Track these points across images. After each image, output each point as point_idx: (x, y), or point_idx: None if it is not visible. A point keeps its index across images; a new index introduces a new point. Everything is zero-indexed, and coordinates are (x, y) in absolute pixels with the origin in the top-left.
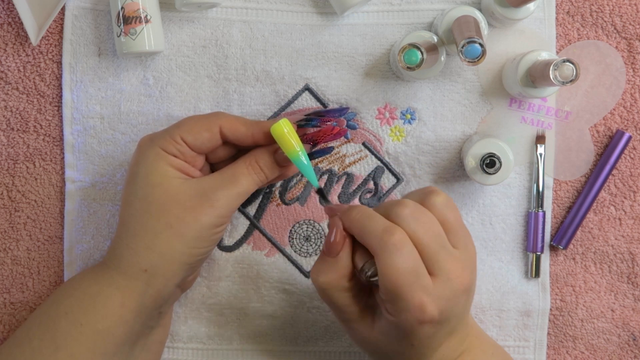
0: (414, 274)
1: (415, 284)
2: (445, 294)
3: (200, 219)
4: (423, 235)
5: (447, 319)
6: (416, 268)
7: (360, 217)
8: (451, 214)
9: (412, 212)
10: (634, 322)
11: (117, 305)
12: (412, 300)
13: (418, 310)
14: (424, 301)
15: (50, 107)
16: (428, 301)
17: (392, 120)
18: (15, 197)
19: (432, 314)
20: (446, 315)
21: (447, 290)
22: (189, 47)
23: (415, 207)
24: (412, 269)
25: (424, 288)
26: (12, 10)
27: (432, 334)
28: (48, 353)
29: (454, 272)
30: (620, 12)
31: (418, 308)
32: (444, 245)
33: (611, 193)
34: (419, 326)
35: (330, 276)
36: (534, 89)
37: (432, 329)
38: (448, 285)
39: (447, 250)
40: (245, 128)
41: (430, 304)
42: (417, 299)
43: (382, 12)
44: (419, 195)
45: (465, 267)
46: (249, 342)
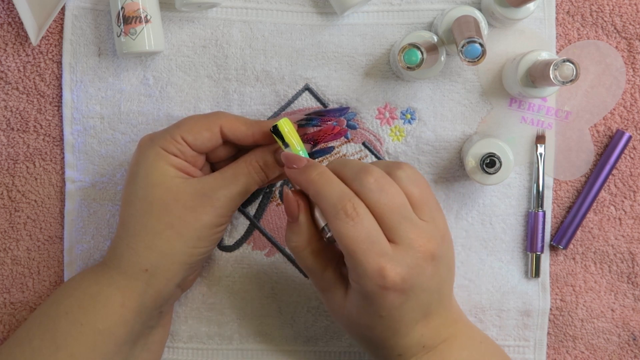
0: (368, 241)
1: (371, 250)
2: (406, 260)
3: (201, 218)
4: (384, 206)
5: (411, 287)
6: (371, 235)
7: (318, 179)
8: (416, 188)
9: (377, 180)
10: (634, 322)
11: (117, 305)
12: (370, 265)
13: (377, 274)
14: (382, 266)
15: (50, 107)
16: (388, 267)
17: (392, 120)
18: (15, 197)
19: (394, 279)
20: (410, 283)
21: (408, 257)
22: (189, 47)
23: (381, 175)
24: (366, 237)
25: (381, 253)
26: (12, 10)
27: (399, 304)
28: (48, 353)
29: (417, 240)
30: (620, 12)
31: (377, 272)
32: (407, 215)
33: (611, 193)
34: (382, 292)
35: (296, 239)
36: (534, 89)
37: (397, 298)
38: (410, 252)
39: (411, 220)
40: (245, 127)
41: (390, 270)
42: (375, 264)
43: (382, 12)
44: (387, 165)
45: (431, 237)
46: (249, 342)
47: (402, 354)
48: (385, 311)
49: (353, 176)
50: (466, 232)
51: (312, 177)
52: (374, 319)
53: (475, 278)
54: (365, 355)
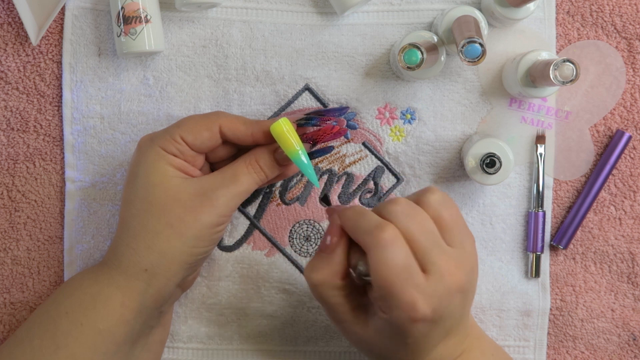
0: (405, 270)
1: (407, 280)
2: (438, 291)
3: (201, 218)
4: (415, 232)
5: (440, 317)
6: (408, 265)
7: (353, 215)
8: (446, 212)
9: (404, 209)
10: (634, 322)
11: (117, 305)
12: (404, 297)
13: (410, 307)
14: (415, 298)
15: (50, 107)
16: (420, 298)
17: (392, 120)
18: (15, 197)
19: (425, 312)
20: (439, 313)
21: (440, 288)
22: (189, 47)
23: (408, 204)
24: (404, 265)
25: (415, 285)
26: (12, 10)
27: (426, 333)
28: (49, 352)
29: (447, 269)
30: (620, 12)
31: (410, 305)
32: (437, 242)
33: (611, 193)
34: (411, 324)
35: (323, 273)
36: (534, 89)
37: (425, 328)
38: (441, 283)
39: (440, 248)
40: (245, 127)
41: (422, 302)
42: (409, 296)
43: (382, 12)
44: (415, 194)
45: (460, 265)
46: (249, 342)
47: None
48: (411, 339)
49: (382, 209)
50: None
51: (348, 214)
52: (399, 345)
53: None
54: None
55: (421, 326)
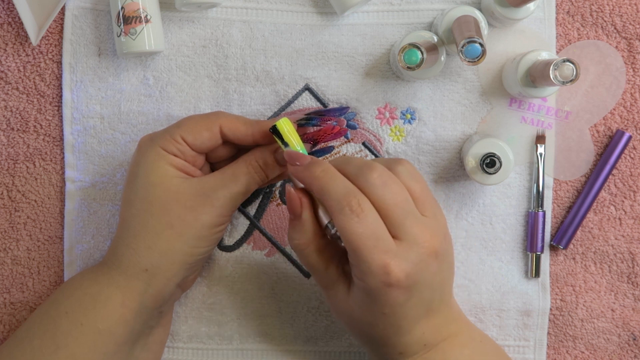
0: (373, 237)
1: (376, 247)
2: (411, 257)
3: (201, 218)
4: (389, 201)
5: (415, 284)
6: (376, 232)
7: (322, 176)
8: (417, 184)
9: (380, 176)
10: (634, 322)
11: (117, 305)
12: (374, 262)
13: (382, 272)
14: (387, 262)
15: (50, 107)
16: (392, 263)
17: (392, 120)
18: (15, 197)
19: (398, 276)
20: (414, 279)
21: (413, 254)
22: (189, 47)
23: (384, 171)
24: (371, 233)
25: (386, 250)
26: (12, 10)
27: (403, 301)
28: (48, 352)
29: (421, 236)
30: (620, 12)
31: (382, 269)
32: (411, 211)
33: (611, 193)
34: (386, 289)
35: (299, 237)
36: (534, 89)
37: (401, 295)
38: (414, 248)
39: (415, 216)
40: (245, 127)
41: (395, 266)
42: (379, 261)
43: (382, 12)
44: (387, 162)
45: (434, 233)
46: (249, 342)
47: (403, 352)
48: (388, 308)
49: (356, 172)
50: (466, 232)
51: (316, 174)
52: (376, 316)
53: (475, 278)
54: (365, 355)
55: (396, 292)
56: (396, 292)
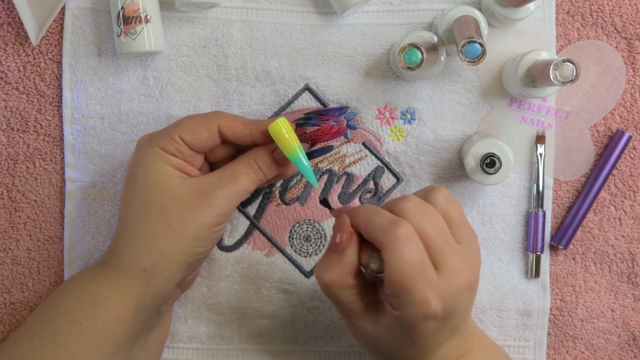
0: (420, 267)
1: (422, 277)
2: (449, 289)
3: (200, 218)
4: (427, 229)
5: (450, 315)
6: (422, 261)
7: (366, 212)
8: (453, 209)
9: (416, 205)
10: (634, 322)
11: (116, 305)
12: (418, 293)
13: (423, 304)
14: (429, 295)
15: (50, 107)
16: (433, 295)
17: (392, 120)
18: (15, 197)
19: (436, 309)
20: (450, 311)
21: (451, 286)
22: (189, 47)
23: (419, 201)
24: (419, 262)
25: (429, 282)
26: (12, 10)
27: (436, 330)
28: (48, 352)
29: (459, 267)
30: (620, 12)
31: (423, 302)
32: (448, 239)
33: (611, 193)
34: (423, 321)
35: (335, 273)
36: (534, 89)
37: (435, 325)
38: (453, 280)
39: (451, 245)
40: (243, 127)
41: (434, 299)
42: (423, 293)
43: (382, 12)
44: (421, 191)
45: (468, 262)
46: (249, 342)
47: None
48: (420, 337)
49: (393, 206)
50: None
51: (360, 212)
52: (407, 344)
53: None
54: (365, 355)
55: (432, 323)
56: (432, 323)
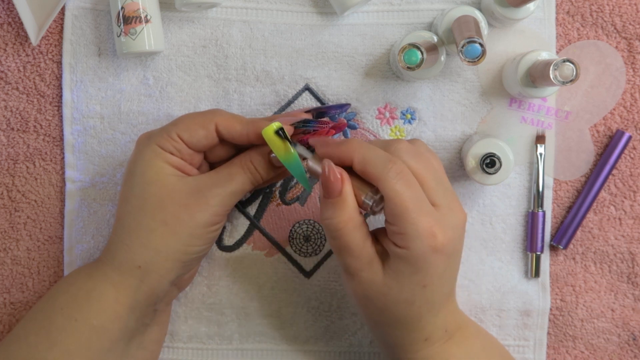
0: (419, 200)
1: (422, 209)
2: (449, 222)
3: (196, 216)
4: (422, 169)
5: (454, 252)
6: (420, 195)
7: (360, 147)
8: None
9: (408, 147)
10: (634, 322)
11: (111, 301)
12: (421, 224)
13: (429, 234)
14: (432, 225)
15: (50, 107)
16: (437, 226)
17: (392, 120)
18: (15, 197)
19: (443, 240)
20: (452, 246)
21: (451, 219)
22: (189, 47)
23: (409, 145)
24: (417, 196)
25: (430, 213)
26: (12, 10)
27: (442, 270)
28: (44, 349)
29: (454, 205)
30: (620, 12)
31: (428, 232)
32: (442, 181)
33: (611, 193)
34: (431, 254)
35: (339, 215)
36: (534, 89)
37: (442, 262)
38: (451, 214)
39: (445, 187)
40: (240, 127)
41: (439, 229)
42: (427, 223)
43: (382, 12)
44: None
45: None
46: (249, 342)
47: (429, 338)
48: (429, 278)
49: (384, 146)
50: (466, 232)
51: (354, 146)
52: (415, 290)
53: (475, 278)
54: (365, 355)
55: (439, 258)
56: (440, 257)
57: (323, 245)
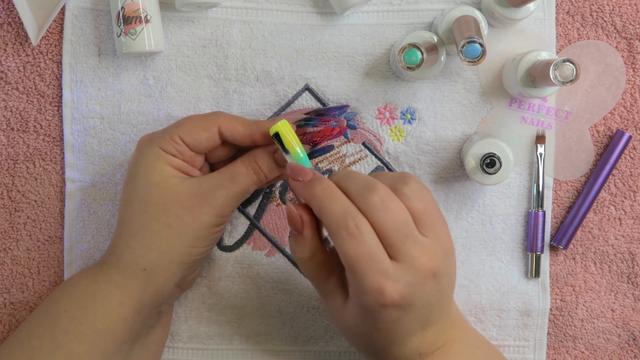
0: (369, 259)
1: (372, 268)
2: (407, 278)
3: (199, 218)
4: (387, 223)
5: (411, 304)
6: (372, 254)
7: (321, 195)
8: (420, 203)
9: (381, 199)
10: (634, 322)
11: (116, 304)
12: (368, 282)
13: (376, 292)
14: (381, 284)
15: (50, 107)
16: (387, 285)
17: (392, 120)
18: (15, 197)
19: (392, 297)
20: (409, 299)
21: (409, 275)
22: (189, 47)
23: (385, 193)
24: (367, 254)
25: (381, 272)
26: (12, 10)
27: (397, 318)
28: (48, 352)
29: (419, 258)
30: (620, 12)
31: (376, 291)
32: (410, 233)
33: (611, 193)
34: (380, 309)
35: (301, 251)
36: (534, 89)
37: (396, 313)
38: (411, 270)
39: (414, 239)
40: (243, 128)
41: (389, 288)
42: (375, 282)
43: (382, 12)
44: (392, 179)
45: (433, 254)
46: (249, 342)
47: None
48: (382, 324)
49: (358, 192)
50: (466, 232)
51: (316, 192)
52: (371, 329)
53: (475, 278)
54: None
55: (390, 312)
56: (390, 311)
57: None
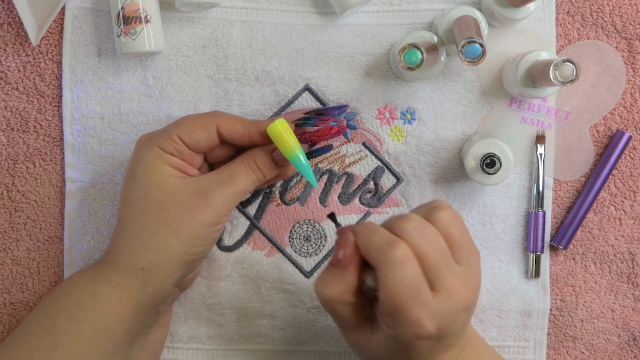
0: (414, 288)
1: (416, 299)
2: (445, 310)
3: (198, 217)
4: (426, 250)
5: (445, 335)
6: (417, 283)
7: (364, 231)
8: (456, 229)
9: (416, 225)
10: (634, 322)
11: (115, 304)
12: (411, 315)
13: (416, 325)
14: (422, 317)
15: (50, 107)
16: (427, 317)
17: (392, 120)
18: (15, 197)
19: (430, 330)
20: (444, 331)
21: (447, 307)
22: (189, 47)
23: (420, 221)
24: (413, 283)
25: (423, 303)
26: (12, 10)
27: (429, 348)
28: (47, 351)
29: (455, 288)
30: (620, 12)
31: (416, 323)
32: (447, 261)
33: (611, 193)
34: (416, 341)
35: (336, 289)
36: (534, 89)
37: (429, 344)
38: (448, 302)
39: (450, 266)
40: (242, 128)
41: (428, 320)
42: (416, 314)
43: (382, 12)
44: (425, 209)
45: (467, 284)
46: (249, 342)
47: None
48: (414, 355)
49: (393, 225)
50: None
51: (359, 230)
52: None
53: None
54: None
55: (425, 343)
56: (425, 343)
57: (323, 246)
